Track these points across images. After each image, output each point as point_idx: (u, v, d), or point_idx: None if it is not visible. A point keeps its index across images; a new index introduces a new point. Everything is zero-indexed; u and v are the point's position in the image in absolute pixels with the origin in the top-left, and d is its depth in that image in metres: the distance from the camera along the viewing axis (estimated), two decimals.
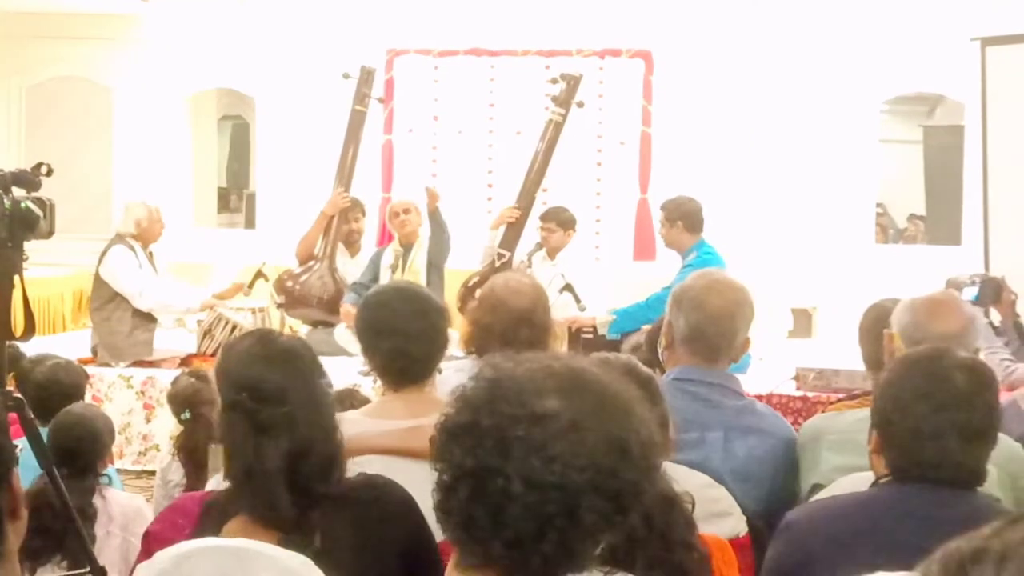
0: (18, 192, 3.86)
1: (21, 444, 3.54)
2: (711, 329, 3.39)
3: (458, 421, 1.59)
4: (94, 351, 7.79)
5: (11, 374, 4.28)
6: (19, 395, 3.74)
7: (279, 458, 2.40)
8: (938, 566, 1.26)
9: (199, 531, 2.40)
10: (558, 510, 1.51)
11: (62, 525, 3.73)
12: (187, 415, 5.01)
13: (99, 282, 7.76)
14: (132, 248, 7.67)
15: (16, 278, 3.81)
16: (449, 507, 1.58)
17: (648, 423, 1.60)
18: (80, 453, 4.12)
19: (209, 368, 5.17)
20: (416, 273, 7.96)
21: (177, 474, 5.02)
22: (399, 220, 8.34)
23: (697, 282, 3.50)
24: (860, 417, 3.26)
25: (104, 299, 7.72)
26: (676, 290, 3.53)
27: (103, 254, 7.76)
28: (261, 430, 2.44)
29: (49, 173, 3.89)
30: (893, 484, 2.50)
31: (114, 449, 6.82)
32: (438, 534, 2.58)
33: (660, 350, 3.61)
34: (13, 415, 3.62)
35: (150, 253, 7.86)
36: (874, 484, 2.57)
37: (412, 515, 2.58)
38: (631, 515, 1.58)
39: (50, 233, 3.91)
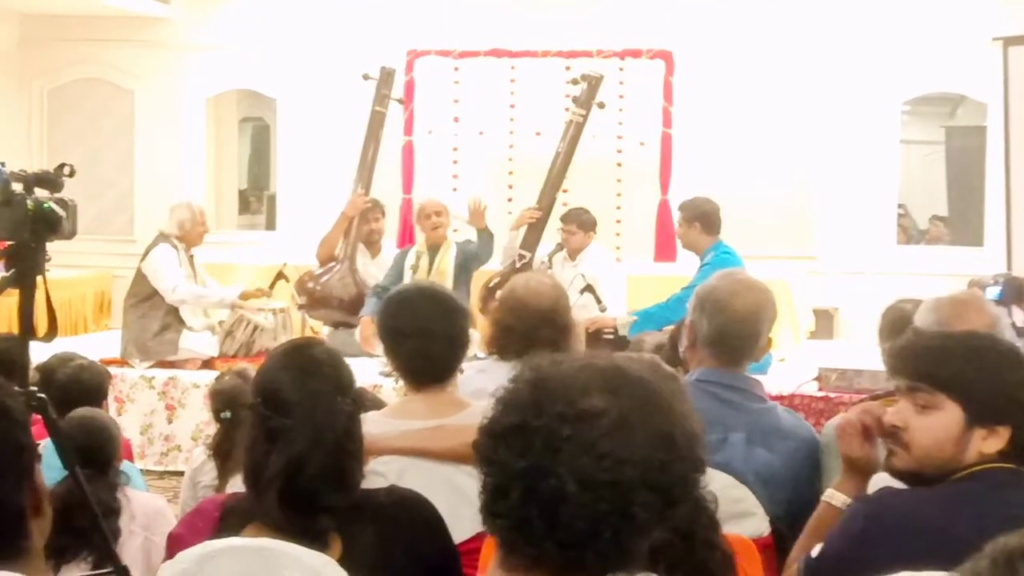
0: (41, 193, 3.87)
1: (44, 444, 3.55)
2: (734, 332, 3.37)
3: (505, 423, 1.57)
4: (124, 348, 7.81)
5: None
6: (43, 395, 3.75)
7: (278, 467, 2.41)
8: (987, 561, 1.27)
9: (219, 534, 2.41)
10: (612, 508, 1.51)
11: (87, 524, 3.73)
12: (227, 415, 4.91)
13: (140, 277, 7.81)
14: (175, 248, 7.73)
15: (39, 278, 3.82)
16: (499, 509, 1.57)
17: (689, 417, 1.61)
18: (97, 449, 4.09)
19: (248, 367, 5.13)
20: (443, 274, 7.93)
21: (208, 475, 4.92)
22: (431, 222, 8.23)
23: (721, 284, 3.47)
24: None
25: (141, 296, 7.77)
26: (700, 290, 3.50)
27: (147, 251, 7.83)
28: (268, 437, 2.46)
29: (72, 174, 3.90)
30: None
31: (136, 449, 6.85)
32: (456, 535, 2.60)
33: (681, 350, 3.60)
34: (36, 415, 3.63)
35: (191, 256, 7.90)
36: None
37: (439, 533, 2.59)
38: (681, 508, 1.58)
39: (72, 234, 3.92)
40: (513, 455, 1.54)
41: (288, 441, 2.43)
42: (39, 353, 4.59)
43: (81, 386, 4.80)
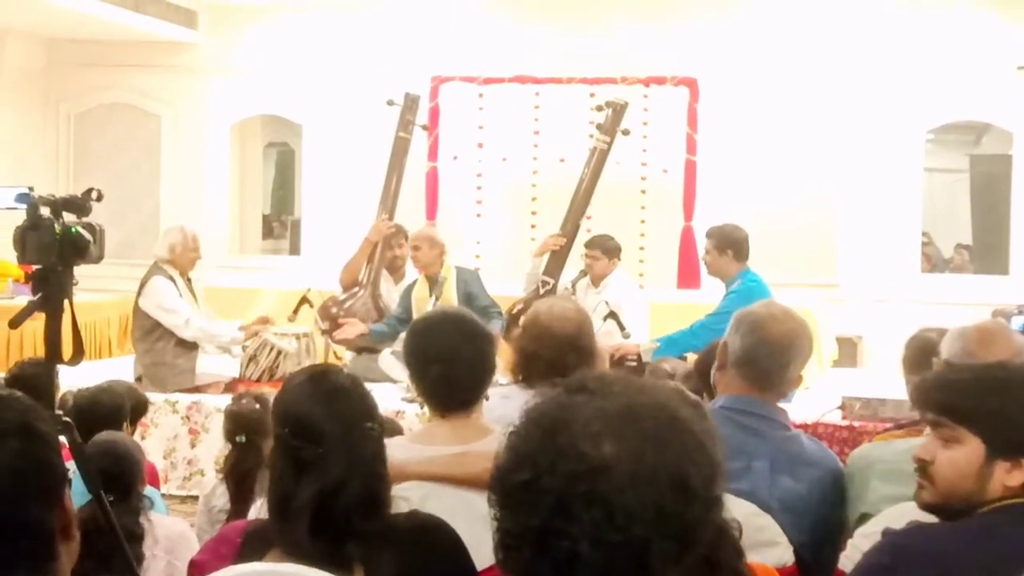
0: (68, 217, 3.89)
1: (70, 467, 3.56)
2: (764, 355, 3.34)
3: (516, 480, 1.54)
4: (138, 380, 7.80)
5: None
6: (68, 419, 3.76)
7: (309, 496, 2.41)
8: None
9: (241, 560, 2.40)
10: (627, 565, 1.48)
11: (110, 547, 3.73)
12: (242, 438, 4.90)
13: (139, 312, 7.73)
14: (171, 278, 7.65)
15: (66, 302, 3.84)
16: (511, 561, 1.56)
17: (707, 445, 1.57)
18: (120, 474, 4.09)
19: (267, 392, 5.12)
20: (448, 303, 7.92)
21: (221, 499, 4.92)
22: (412, 256, 8.35)
23: (760, 308, 3.45)
24: (909, 447, 3.23)
25: (145, 329, 7.71)
26: (739, 312, 3.49)
27: (142, 285, 7.73)
28: (298, 466, 2.45)
29: (99, 198, 3.93)
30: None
31: (160, 474, 6.85)
32: (478, 562, 2.59)
33: (713, 371, 3.58)
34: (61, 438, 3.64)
35: (188, 280, 7.84)
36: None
37: (460, 558, 2.58)
38: (699, 547, 1.54)
39: (99, 258, 3.95)
40: (525, 512, 1.51)
41: (321, 470, 2.42)
42: (71, 379, 4.61)
43: (99, 408, 4.82)
